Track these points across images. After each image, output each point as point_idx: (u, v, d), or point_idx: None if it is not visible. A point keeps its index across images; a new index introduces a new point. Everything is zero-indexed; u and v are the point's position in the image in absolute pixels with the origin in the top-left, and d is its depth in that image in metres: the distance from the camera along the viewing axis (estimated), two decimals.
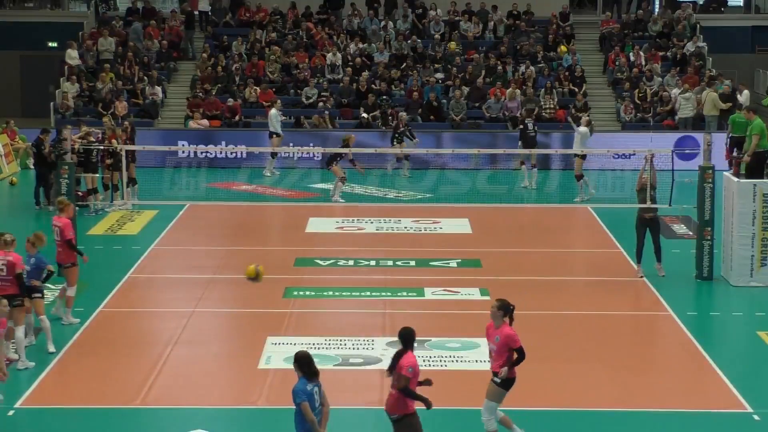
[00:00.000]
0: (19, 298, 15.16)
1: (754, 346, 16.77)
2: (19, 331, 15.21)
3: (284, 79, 36.75)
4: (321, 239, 23.49)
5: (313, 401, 10.68)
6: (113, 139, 25.91)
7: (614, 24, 39.48)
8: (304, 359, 10.79)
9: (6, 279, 15.09)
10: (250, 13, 40.11)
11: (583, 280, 20.38)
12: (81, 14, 42.14)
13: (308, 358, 10.81)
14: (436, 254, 21.94)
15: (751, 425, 13.53)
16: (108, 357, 15.83)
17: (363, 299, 18.87)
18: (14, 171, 31.67)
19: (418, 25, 39.39)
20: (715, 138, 23.92)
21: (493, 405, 12.33)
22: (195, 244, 23.21)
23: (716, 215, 20.38)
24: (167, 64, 37.79)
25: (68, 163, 20.57)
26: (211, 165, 32.46)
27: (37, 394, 14.39)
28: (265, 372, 15.15)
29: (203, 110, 34.52)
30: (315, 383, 10.73)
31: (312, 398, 10.67)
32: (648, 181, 19.96)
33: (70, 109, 34.69)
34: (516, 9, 39.78)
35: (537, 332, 17.07)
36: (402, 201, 28.05)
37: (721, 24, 41.49)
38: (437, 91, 35.51)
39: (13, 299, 14.92)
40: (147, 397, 14.27)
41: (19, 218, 25.03)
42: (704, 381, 15.17)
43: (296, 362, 10.79)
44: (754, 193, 19.65)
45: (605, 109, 36.41)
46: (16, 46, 41.19)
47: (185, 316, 17.75)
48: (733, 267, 19.85)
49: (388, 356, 15.77)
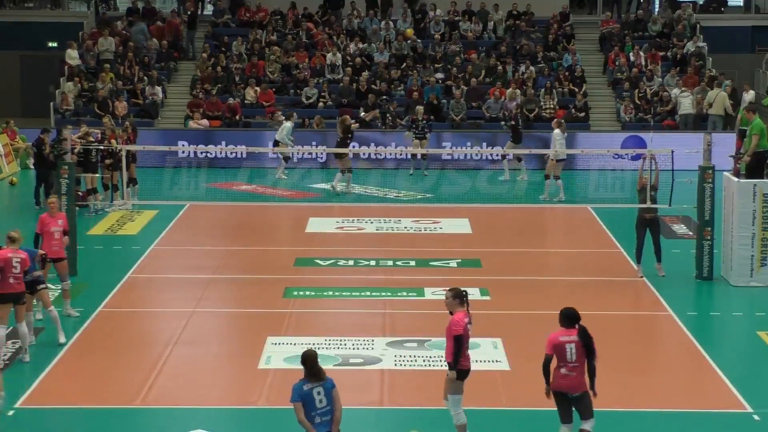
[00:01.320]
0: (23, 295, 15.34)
1: (754, 346, 16.77)
2: (21, 327, 15.33)
3: (284, 79, 36.75)
4: (321, 239, 23.49)
5: (312, 402, 10.64)
6: (113, 139, 25.91)
7: (614, 24, 39.49)
8: (308, 359, 10.76)
9: (18, 276, 15.15)
10: (250, 13, 40.12)
11: (583, 280, 20.37)
12: (81, 14, 42.17)
13: (312, 358, 10.75)
14: (436, 254, 21.94)
15: (751, 425, 13.53)
16: (108, 357, 15.83)
17: (363, 299, 18.87)
18: (14, 171, 31.68)
19: (417, 22, 39.45)
20: (717, 138, 23.91)
21: (457, 398, 12.23)
22: (195, 244, 23.21)
23: (716, 215, 20.39)
24: (167, 64, 37.79)
25: (68, 163, 20.58)
26: (211, 165, 32.46)
27: (37, 394, 14.39)
28: (265, 372, 15.15)
29: (203, 110, 34.53)
30: (314, 384, 10.69)
31: (309, 399, 10.63)
32: (648, 181, 19.96)
33: (70, 109, 34.71)
34: (516, 9, 39.79)
35: (537, 332, 17.05)
36: (402, 201, 28.06)
37: (721, 24, 41.50)
38: (437, 91, 35.52)
39: (21, 297, 15.18)
40: (147, 397, 14.27)
41: (19, 218, 25.00)
42: (704, 381, 15.17)
43: (301, 361, 10.77)
44: (754, 193, 19.65)
45: (605, 109, 36.43)
46: (16, 46, 41.20)
47: (185, 316, 17.74)
48: (733, 267, 19.85)
49: (388, 356, 15.82)
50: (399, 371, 15.23)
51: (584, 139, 33.17)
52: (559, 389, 11.84)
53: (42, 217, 17.50)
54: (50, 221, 17.31)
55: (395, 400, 14.20)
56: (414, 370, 15.28)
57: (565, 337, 11.76)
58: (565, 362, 11.73)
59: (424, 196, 28.70)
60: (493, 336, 16.48)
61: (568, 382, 11.76)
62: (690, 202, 20.71)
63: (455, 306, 12.17)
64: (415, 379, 14.95)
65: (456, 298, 12.17)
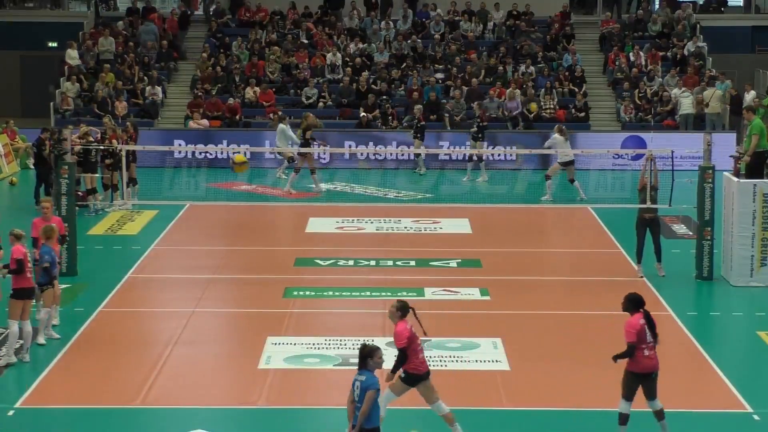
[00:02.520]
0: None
1: (754, 346, 16.77)
2: (22, 324, 15.37)
3: (284, 79, 36.75)
4: (321, 239, 23.49)
5: (353, 392, 10.94)
6: (114, 139, 25.91)
7: (614, 24, 39.48)
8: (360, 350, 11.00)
9: (30, 271, 15.35)
10: (250, 13, 40.12)
11: (583, 280, 20.37)
12: (81, 14, 42.17)
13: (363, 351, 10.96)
14: (436, 254, 21.94)
15: (751, 425, 13.53)
16: (108, 357, 15.83)
17: (363, 299, 18.87)
18: (14, 171, 31.68)
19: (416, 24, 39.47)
20: (717, 138, 23.91)
21: (392, 396, 12.50)
22: (195, 244, 23.22)
23: (716, 215, 20.38)
24: (167, 64, 37.79)
25: (68, 163, 20.57)
26: (211, 165, 32.46)
27: (37, 394, 14.39)
28: (265, 372, 15.15)
29: (203, 110, 34.53)
30: (356, 375, 10.95)
31: (353, 388, 10.93)
32: (648, 181, 19.96)
33: (70, 109, 34.71)
34: (516, 9, 39.79)
35: (536, 332, 17.10)
36: (402, 201, 28.06)
37: (721, 24, 41.48)
38: (437, 91, 35.53)
39: (33, 293, 15.51)
40: (147, 397, 14.27)
41: (20, 218, 24.97)
42: (704, 381, 15.17)
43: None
44: (754, 193, 19.65)
45: (605, 109, 36.43)
46: (16, 46, 41.21)
47: (185, 316, 17.74)
48: (733, 267, 19.85)
49: (388, 356, 15.79)
50: None
51: (584, 139, 33.17)
52: (644, 371, 12.44)
53: (35, 221, 17.33)
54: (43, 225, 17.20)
55: (395, 400, 14.17)
56: None
57: (641, 320, 12.40)
58: (645, 344, 12.38)
59: (424, 196, 28.70)
60: (493, 336, 16.49)
61: (653, 362, 12.46)
62: (690, 202, 20.71)
63: (396, 317, 12.33)
64: None
65: (399, 311, 12.34)
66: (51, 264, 15.88)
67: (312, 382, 14.92)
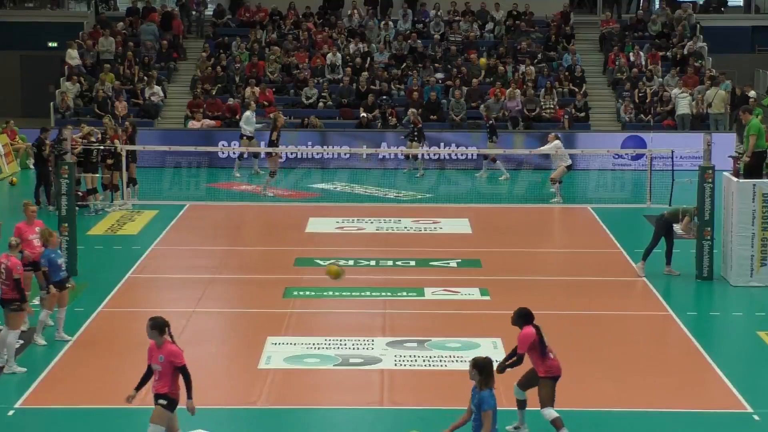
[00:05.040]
0: (16, 302, 15.22)
1: (754, 346, 16.76)
2: (11, 335, 15.16)
3: (284, 79, 36.75)
4: (321, 239, 23.49)
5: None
6: (115, 139, 25.90)
7: (614, 24, 39.48)
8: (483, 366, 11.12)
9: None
10: (250, 13, 40.11)
11: (583, 280, 20.37)
12: (81, 14, 42.14)
13: (488, 365, 11.15)
14: (436, 254, 21.93)
15: (751, 425, 13.52)
16: (108, 357, 15.83)
17: (363, 299, 18.86)
18: (14, 171, 31.68)
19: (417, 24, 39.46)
20: (717, 138, 23.91)
21: (159, 429, 11.81)
22: (195, 244, 23.22)
23: (716, 215, 20.39)
24: (167, 64, 37.79)
25: (68, 163, 20.57)
26: (211, 165, 32.46)
27: (37, 394, 14.38)
28: (265, 372, 15.15)
29: (203, 110, 34.51)
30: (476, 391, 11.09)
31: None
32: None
33: (71, 108, 34.70)
34: (516, 9, 39.79)
35: None
36: (402, 201, 28.06)
37: (721, 24, 41.47)
38: (437, 91, 35.52)
39: (11, 303, 15.14)
40: (147, 397, 14.23)
41: (20, 218, 24.92)
42: (704, 381, 15.16)
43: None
44: (753, 193, 19.65)
45: (605, 109, 36.43)
46: (16, 46, 41.20)
47: (185, 316, 17.73)
48: (733, 267, 19.85)
49: (388, 356, 15.82)
50: (399, 371, 15.22)
51: (584, 139, 33.18)
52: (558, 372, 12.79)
53: (18, 225, 17.16)
54: (27, 229, 16.99)
55: (395, 400, 14.19)
56: (414, 370, 15.28)
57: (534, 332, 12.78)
58: (548, 349, 12.74)
59: (424, 196, 28.70)
60: (493, 336, 16.46)
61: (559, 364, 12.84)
62: (690, 202, 20.71)
63: (156, 336, 11.77)
64: (414, 379, 14.95)
65: (154, 329, 11.76)
66: (51, 268, 15.84)
67: (312, 382, 14.91)
